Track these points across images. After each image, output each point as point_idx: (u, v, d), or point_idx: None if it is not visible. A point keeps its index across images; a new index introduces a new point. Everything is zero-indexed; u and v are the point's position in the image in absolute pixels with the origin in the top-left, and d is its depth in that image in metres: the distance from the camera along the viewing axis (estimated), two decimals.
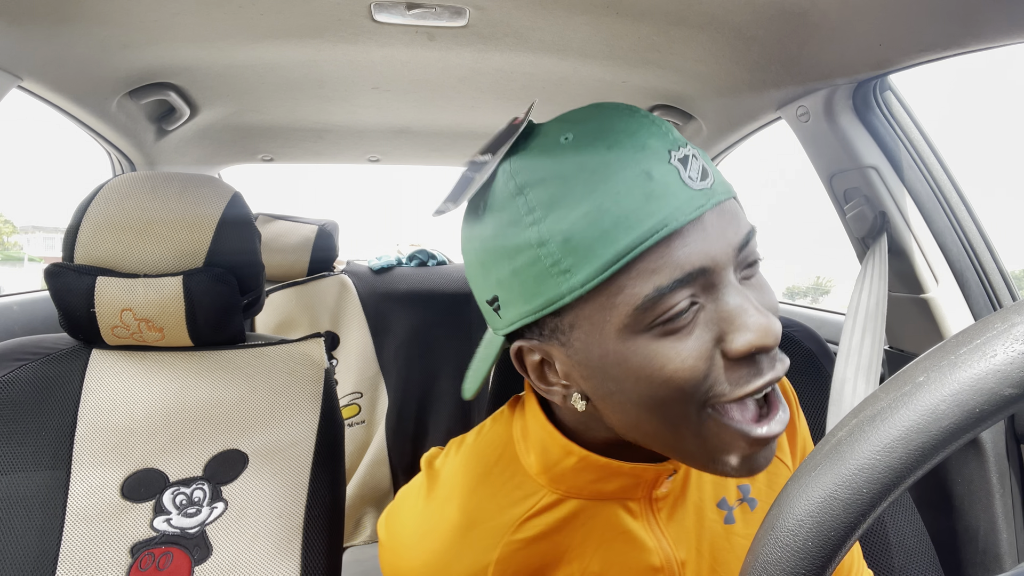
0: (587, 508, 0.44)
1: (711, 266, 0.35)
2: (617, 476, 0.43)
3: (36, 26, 0.79)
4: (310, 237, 1.58)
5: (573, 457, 0.43)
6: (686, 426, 0.36)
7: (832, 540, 0.24)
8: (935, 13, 0.64)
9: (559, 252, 0.35)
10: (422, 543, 0.44)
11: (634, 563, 0.44)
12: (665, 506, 0.46)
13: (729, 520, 0.47)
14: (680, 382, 0.34)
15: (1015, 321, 0.22)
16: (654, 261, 0.34)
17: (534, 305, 0.37)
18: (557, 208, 0.35)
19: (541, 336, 0.39)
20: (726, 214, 0.36)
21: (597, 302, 0.35)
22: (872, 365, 0.75)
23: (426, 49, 0.94)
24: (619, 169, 0.34)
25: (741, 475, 0.38)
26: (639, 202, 0.33)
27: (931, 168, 0.89)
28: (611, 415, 0.39)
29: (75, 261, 0.69)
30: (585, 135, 0.36)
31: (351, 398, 1.56)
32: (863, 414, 0.25)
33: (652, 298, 0.34)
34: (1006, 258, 0.89)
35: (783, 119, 1.00)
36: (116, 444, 0.68)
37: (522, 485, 0.45)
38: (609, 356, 0.36)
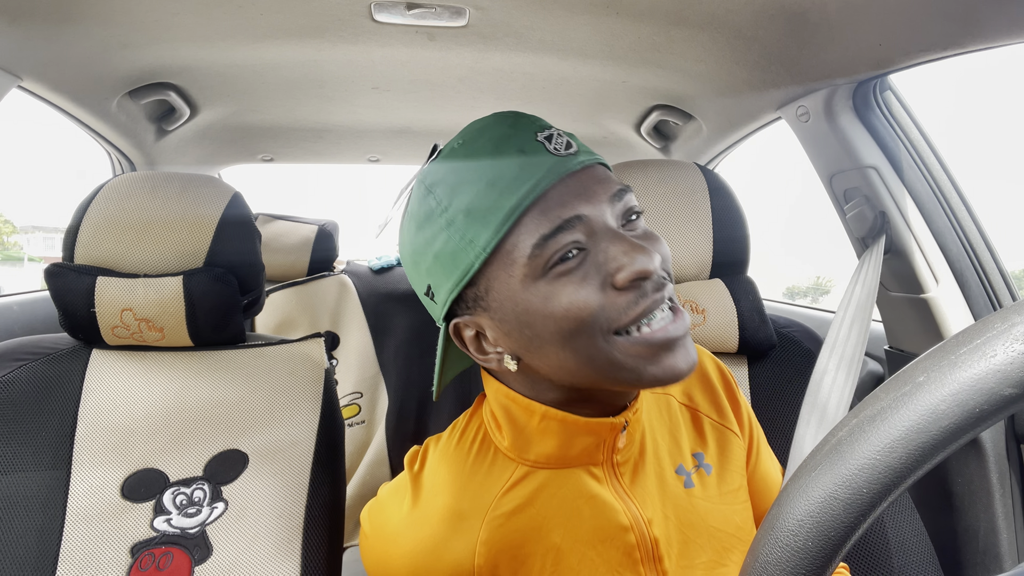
0: (555, 478, 0.49)
1: (587, 213, 0.42)
2: (577, 435, 0.48)
3: (36, 26, 0.79)
4: (310, 237, 1.58)
5: (536, 416, 0.48)
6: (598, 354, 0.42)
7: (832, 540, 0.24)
8: (935, 13, 0.64)
9: (463, 226, 0.42)
10: (411, 532, 0.47)
11: (604, 524, 0.48)
12: (627, 471, 0.50)
13: (688, 484, 0.52)
14: (578, 312, 0.41)
15: (1015, 321, 0.22)
16: (537, 216, 0.41)
17: (454, 279, 0.44)
18: (457, 194, 0.43)
19: (468, 310, 0.46)
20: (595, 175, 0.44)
21: (500, 261, 0.42)
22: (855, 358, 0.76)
23: (426, 49, 0.94)
24: (497, 152, 0.43)
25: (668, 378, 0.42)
26: (516, 171, 0.42)
27: (931, 168, 0.89)
28: (539, 365, 0.45)
29: (75, 261, 0.69)
30: (469, 138, 0.45)
31: (351, 398, 1.56)
32: (863, 414, 0.25)
33: (539, 244, 0.41)
34: (1006, 258, 0.89)
35: (783, 119, 1.00)
36: (116, 444, 0.68)
37: (497, 462, 0.50)
38: (519, 305, 0.42)
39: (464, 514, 0.48)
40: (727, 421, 0.57)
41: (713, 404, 0.57)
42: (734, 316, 0.82)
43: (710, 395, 0.58)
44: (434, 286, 0.46)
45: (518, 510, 0.48)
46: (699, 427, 0.56)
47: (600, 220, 0.42)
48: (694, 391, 0.58)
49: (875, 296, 0.82)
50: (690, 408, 0.57)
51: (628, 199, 0.44)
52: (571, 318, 0.41)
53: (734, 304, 0.83)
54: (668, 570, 0.49)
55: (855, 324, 0.79)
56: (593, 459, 0.49)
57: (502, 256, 0.42)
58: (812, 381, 0.75)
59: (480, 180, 0.42)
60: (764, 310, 0.84)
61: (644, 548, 0.48)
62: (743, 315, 0.82)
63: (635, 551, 0.48)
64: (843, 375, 0.74)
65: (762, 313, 0.83)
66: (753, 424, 0.60)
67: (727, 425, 0.57)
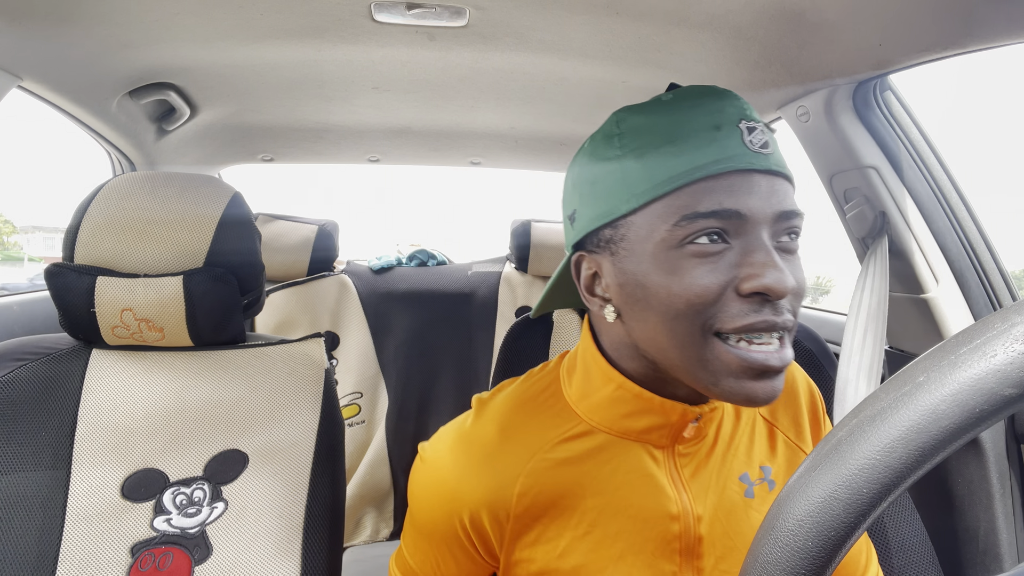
0: (615, 444, 0.49)
1: (746, 214, 0.41)
2: (647, 412, 0.48)
3: (36, 26, 0.79)
4: (310, 237, 1.58)
5: (612, 384, 0.49)
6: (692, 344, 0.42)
7: (832, 540, 0.24)
8: (935, 13, 0.64)
9: (629, 170, 0.43)
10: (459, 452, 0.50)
11: (652, 505, 0.48)
12: (688, 463, 0.50)
13: (749, 494, 0.51)
14: (691, 298, 0.41)
15: (1015, 321, 0.22)
16: (701, 192, 0.41)
17: (598, 212, 0.45)
18: (639, 139, 0.44)
19: (597, 247, 0.47)
20: (776, 185, 0.43)
21: (647, 216, 0.43)
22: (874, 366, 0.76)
23: (426, 49, 0.94)
24: (694, 119, 0.43)
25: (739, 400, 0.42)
26: (703, 144, 0.41)
27: (931, 168, 0.89)
28: (635, 327, 0.45)
29: (75, 261, 0.69)
30: (679, 96, 0.45)
31: (351, 398, 1.56)
32: (863, 414, 0.25)
33: (688, 217, 0.41)
34: (1006, 258, 0.89)
35: (783, 119, 1.00)
36: (116, 444, 0.68)
37: (561, 413, 0.51)
38: (644, 264, 0.43)
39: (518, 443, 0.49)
40: (803, 442, 0.55)
41: (793, 423, 0.56)
42: None
43: (792, 413, 0.56)
44: (579, 212, 0.48)
45: (569, 461, 0.49)
46: (773, 442, 0.55)
47: (756, 226, 0.41)
48: (778, 407, 0.56)
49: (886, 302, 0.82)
50: (768, 422, 0.56)
51: (794, 225, 0.43)
52: (684, 299, 0.41)
53: None
54: (705, 569, 0.48)
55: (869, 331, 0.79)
56: (656, 440, 0.49)
57: (650, 213, 0.42)
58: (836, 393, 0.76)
59: (665, 136, 0.43)
60: None
61: (686, 541, 0.48)
62: None
63: (676, 541, 0.48)
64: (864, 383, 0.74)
65: None
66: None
67: (801, 446, 0.55)
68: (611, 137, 0.45)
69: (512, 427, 0.50)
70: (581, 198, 0.47)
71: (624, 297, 0.45)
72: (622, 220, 0.44)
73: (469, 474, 0.49)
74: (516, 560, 0.49)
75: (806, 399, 0.57)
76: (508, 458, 0.49)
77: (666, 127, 0.43)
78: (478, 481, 0.48)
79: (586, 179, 0.47)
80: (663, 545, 0.48)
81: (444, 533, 0.50)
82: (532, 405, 0.52)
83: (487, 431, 0.51)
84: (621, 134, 0.45)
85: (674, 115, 0.43)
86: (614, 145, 0.45)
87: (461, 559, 0.51)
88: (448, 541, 0.50)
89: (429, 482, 0.50)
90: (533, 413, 0.51)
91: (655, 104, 0.45)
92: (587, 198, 0.46)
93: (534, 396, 0.53)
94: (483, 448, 0.50)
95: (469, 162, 1.75)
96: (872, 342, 0.78)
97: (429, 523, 0.51)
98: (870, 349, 0.78)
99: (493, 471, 0.48)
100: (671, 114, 0.44)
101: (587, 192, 0.47)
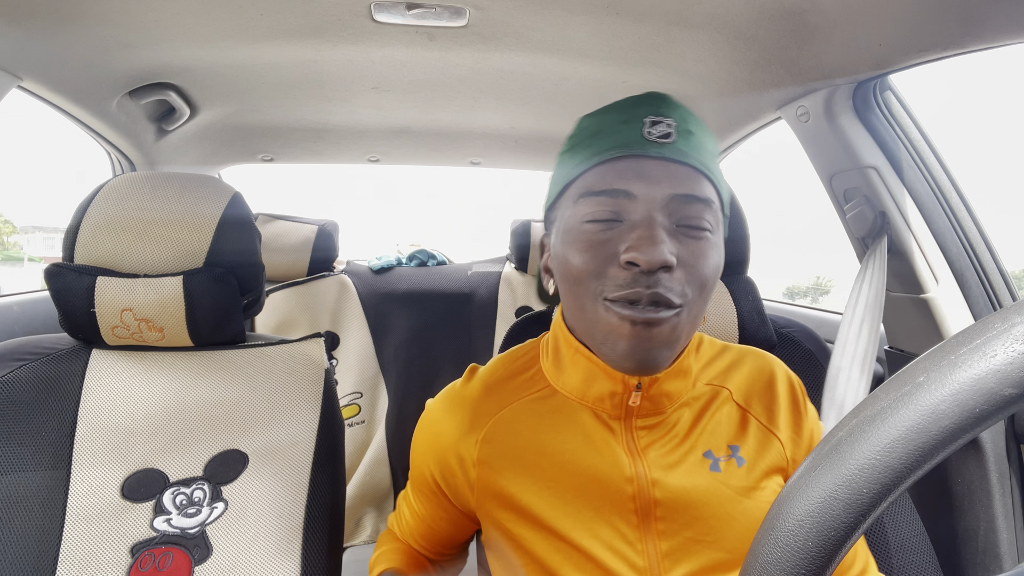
0: (576, 409, 0.56)
1: (636, 194, 0.47)
2: (597, 377, 0.53)
3: (36, 26, 0.79)
4: (310, 237, 1.58)
5: (571, 348, 0.55)
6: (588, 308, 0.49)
7: (832, 540, 0.24)
8: (935, 13, 0.64)
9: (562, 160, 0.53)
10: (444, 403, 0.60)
11: (607, 467, 0.52)
12: (645, 436, 0.54)
13: (714, 468, 0.54)
14: (582, 264, 0.48)
15: (1015, 321, 0.22)
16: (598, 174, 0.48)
17: (548, 198, 0.56)
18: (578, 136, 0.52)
19: (548, 229, 0.56)
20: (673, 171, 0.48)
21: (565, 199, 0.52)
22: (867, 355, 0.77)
23: (426, 49, 0.94)
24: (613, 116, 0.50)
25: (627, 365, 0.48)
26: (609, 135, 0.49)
27: (931, 168, 0.89)
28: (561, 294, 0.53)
29: (75, 261, 0.69)
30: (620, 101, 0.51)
31: (351, 398, 1.56)
32: (863, 414, 0.25)
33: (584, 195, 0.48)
34: (1006, 258, 0.89)
35: (783, 119, 1.00)
36: (116, 444, 0.68)
37: (534, 377, 0.59)
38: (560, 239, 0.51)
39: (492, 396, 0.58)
40: (775, 426, 0.57)
41: (766, 409, 0.58)
42: (734, 316, 0.82)
43: (767, 402, 0.58)
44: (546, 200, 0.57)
45: (533, 415, 0.56)
46: (744, 425, 0.57)
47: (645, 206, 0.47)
48: (753, 397, 0.59)
49: (883, 295, 0.82)
50: (742, 408, 0.58)
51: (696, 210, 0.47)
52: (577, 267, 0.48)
53: (734, 304, 0.83)
54: (665, 532, 0.51)
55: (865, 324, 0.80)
56: (610, 410, 0.54)
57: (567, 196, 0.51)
58: (828, 379, 0.77)
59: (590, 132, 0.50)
60: (764, 310, 0.84)
61: (641, 502, 0.52)
62: (743, 315, 0.82)
63: (631, 502, 0.52)
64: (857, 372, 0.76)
65: (762, 313, 0.83)
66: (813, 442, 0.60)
67: (773, 430, 0.57)
68: (570, 137, 0.54)
69: (491, 385, 0.59)
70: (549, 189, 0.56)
71: (555, 270, 0.53)
72: (555, 203, 0.54)
73: (446, 420, 0.58)
74: (489, 509, 0.55)
75: (785, 389, 0.59)
76: (481, 407, 0.57)
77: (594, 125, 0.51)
78: (451, 425, 0.57)
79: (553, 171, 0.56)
80: (619, 505, 0.52)
81: (424, 477, 0.60)
82: (512, 367, 0.61)
83: (471, 387, 0.60)
84: (573, 134, 0.53)
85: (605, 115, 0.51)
86: (567, 144, 0.54)
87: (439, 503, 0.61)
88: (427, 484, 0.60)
89: (419, 429, 0.62)
90: (512, 375, 0.60)
91: (602, 108, 0.52)
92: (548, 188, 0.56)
93: (515, 360, 0.62)
94: (464, 400, 0.59)
95: (469, 162, 1.75)
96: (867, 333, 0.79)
97: (414, 469, 0.62)
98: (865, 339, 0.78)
99: (466, 417, 0.57)
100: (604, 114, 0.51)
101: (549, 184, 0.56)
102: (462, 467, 0.56)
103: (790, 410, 0.58)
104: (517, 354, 0.63)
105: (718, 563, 0.51)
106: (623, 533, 0.51)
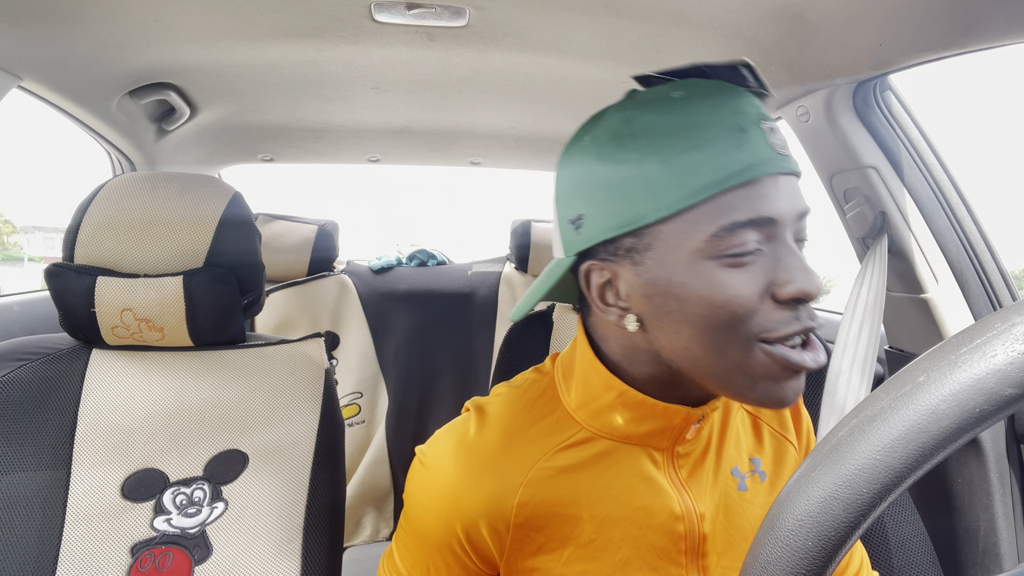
0: (616, 451, 0.49)
1: (778, 219, 0.40)
2: (649, 418, 0.47)
3: (36, 26, 0.79)
4: (310, 237, 1.58)
5: (613, 392, 0.47)
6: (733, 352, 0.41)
7: (832, 540, 0.24)
8: (935, 13, 0.63)
9: (655, 176, 0.40)
10: (460, 459, 0.49)
11: (657, 507, 0.48)
12: (686, 464, 0.50)
13: (742, 487, 0.51)
14: (736, 308, 0.40)
15: (1015, 321, 0.22)
16: (735, 199, 0.40)
17: (620, 220, 0.42)
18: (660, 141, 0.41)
19: (614, 255, 0.44)
20: (795, 185, 0.43)
21: (678, 225, 0.41)
22: (868, 358, 0.76)
23: (426, 49, 0.94)
24: (718, 121, 0.41)
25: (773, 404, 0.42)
26: (731, 148, 0.40)
27: (931, 168, 0.89)
28: (663, 336, 0.43)
29: (75, 261, 0.69)
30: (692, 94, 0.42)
31: (351, 398, 1.56)
32: (863, 414, 0.25)
33: (728, 228, 0.39)
34: (1006, 258, 0.89)
35: (783, 119, 1.00)
36: (116, 444, 0.68)
37: (560, 420, 0.50)
38: (678, 275, 0.41)
39: (518, 451, 0.48)
40: (787, 431, 0.56)
41: (776, 414, 0.57)
42: None
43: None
44: (588, 217, 0.44)
45: (570, 469, 0.48)
46: (759, 433, 0.56)
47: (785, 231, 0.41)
48: None
49: (883, 296, 0.82)
50: (752, 415, 0.57)
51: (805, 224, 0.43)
52: (727, 311, 0.40)
53: None
54: (709, 567, 0.48)
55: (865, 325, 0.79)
56: (656, 443, 0.49)
57: (683, 222, 0.40)
58: (828, 382, 0.76)
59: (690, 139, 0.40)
60: None
61: (691, 540, 0.48)
62: None
63: (681, 541, 0.48)
64: (857, 376, 0.75)
65: None
66: (811, 440, 0.60)
67: (786, 435, 0.56)
68: (622, 137, 0.42)
69: (512, 435, 0.50)
70: (591, 202, 0.44)
71: (651, 308, 0.43)
72: (648, 228, 0.41)
73: (470, 483, 0.48)
74: (519, 569, 0.49)
75: None
76: (509, 467, 0.48)
77: (688, 128, 0.41)
78: (479, 489, 0.47)
79: (595, 182, 0.43)
80: (669, 547, 0.48)
81: (439, 540, 0.49)
82: (531, 412, 0.51)
83: (488, 439, 0.50)
84: (634, 135, 0.42)
85: (694, 115, 0.41)
86: (627, 147, 0.42)
87: (453, 566, 0.51)
88: (442, 548, 0.50)
89: (428, 487, 0.50)
90: (533, 421, 0.51)
91: (668, 102, 0.42)
92: (600, 203, 0.43)
93: (532, 402, 0.52)
94: (484, 456, 0.49)
95: (469, 162, 1.75)
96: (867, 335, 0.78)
97: (425, 528, 0.50)
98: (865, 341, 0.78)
99: (493, 480, 0.48)
100: (690, 114, 0.41)
101: (599, 197, 0.43)
102: (495, 535, 0.48)
103: (792, 411, 0.58)
104: (531, 395, 0.53)
105: None
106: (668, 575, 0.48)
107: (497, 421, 0.51)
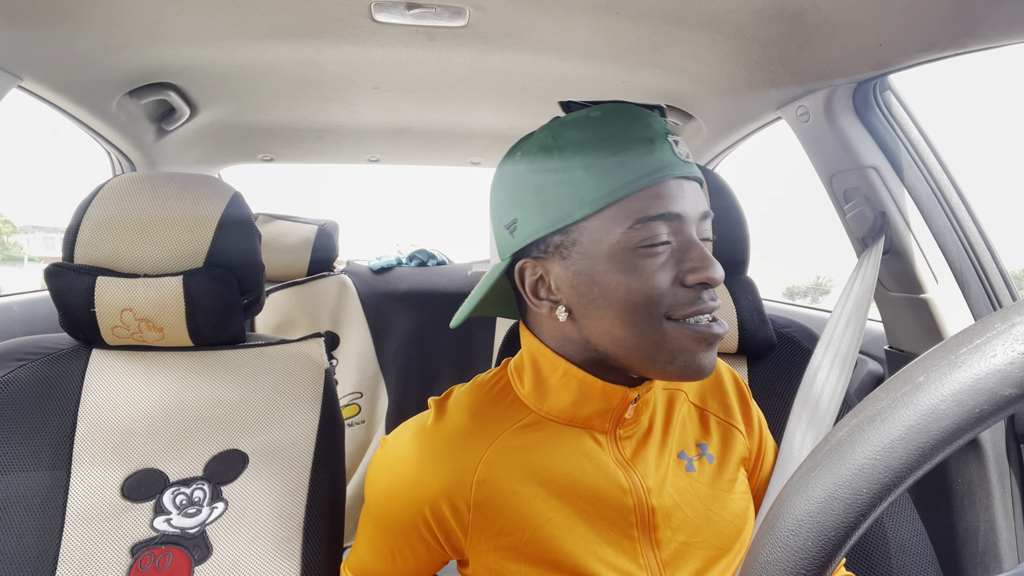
0: (563, 432, 0.54)
1: (683, 215, 0.48)
2: (591, 399, 0.53)
3: (36, 26, 0.79)
4: (310, 237, 1.58)
5: (559, 370, 0.53)
6: (649, 330, 0.48)
7: (832, 540, 0.24)
8: (935, 13, 0.64)
9: (579, 180, 0.47)
10: (420, 443, 0.53)
11: (605, 483, 0.52)
12: (628, 446, 0.55)
13: (690, 468, 0.56)
14: (649, 290, 0.47)
15: (1015, 321, 0.22)
16: (647, 197, 0.47)
17: (549, 220, 0.48)
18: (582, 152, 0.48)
19: (544, 253, 0.50)
20: (698, 190, 0.50)
21: (600, 221, 0.47)
22: (849, 355, 0.76)
23: (426, 49, 0.94)
24: (630, 134, 0.48)
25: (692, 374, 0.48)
26: (642, 155, 0.47)
27: (931, 168, 0.89)
28: (589, 323, 0.50)
29: (75, 261, 0.69)
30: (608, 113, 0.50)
31: (351, 398, 1.56)
32: (863, 414, 0.25)
33: (642, 221, 0.46)
34: (1006, 258, 0.89)
35: (783, 119, 1.00)
36: (116, 444, 0.68)
37: (513, 405, 0.56)
38: (600, 265, 0.48)
39: (475, 433, 0.53)
40: (733, 419, 0.61)
41: (722, 405, 0.62)
42: (734, 316, 0.82)
43: (720, 397, 0.62)
44: (522, 220, 0.50)
45: (524, 447, 0.53)
46: (705, 423, 0.61)
47: (690, 226, 0.49)
48: (707, 395, 0.62)
49: (872, 294, 0.82)
50: (699, 407, 0.61)
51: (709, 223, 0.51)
52: (643, 293, 0.47)
53: (734, 304, 0.83)
54: (662, 540, 0.52)
55: (851, 322, 0.79)
56: (599, 426, 0.54)
57: (604, 218, 0.47)
58: (806, 377, 0.76)
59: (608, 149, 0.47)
60: (764, 310, 0.84)
61: (640, 513, 0.52)
62: (743, 315, 0.82)
63: (631, 515, 0.52)
64: (836, 372, 0.75)
65: (762, 313, 0.83)
66: (764, 431, 0.64)
67: (732, 423, 0.61)
68: (549, 150, 0.49)
69: (469, 419, 0.54)
70: (523, 207, 0.50)
71: (578, 297, 0.49)
72: (574, 226, 0.48)
73: (431, 464, 0.52)
74: (482, 550, 0.52)
75: (731, 384, 0.64)
76: (467, 447, 0.52)
77: (605, 140, 0.48)
78: (439, 469, 0.51)
79: (527, 189, 0.50)
80: (620, 520, 0.51)
81: (405, 524, 0.52)
82: (487, 399, 0.56)
83: (447, 424, 0.54)
84: (560, 147, 0.48)
85: (610, 130, 0.48)
86: (554, 157, 0.48)
87: (419, 550, 0.54)
88: (408, 531, 0.53)
89: (392, 472, 0.53)
90: (488, 406, 0.56)
91: (588, 120, 0.49)
92: (531, 207, 0.49)
93: (488, 391, 0.57)
94: (444, 438, 0.53)
95: (469, 162, 1.75)
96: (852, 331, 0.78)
97: (389, 513, 0.53)
98: (849, 338, 0.78)
99: (453, 459, 0.52)
100: (607, 129, 0.48)
101: (531, 201, 0.49)
102: (456, 513, 0.51)
103: (739, 403, 0.63)
104: (487, 384, 0.58)
105: (711, 559, 0.52)
106: (625, 549, 0.51)
107: (456, 408, 0.56)
